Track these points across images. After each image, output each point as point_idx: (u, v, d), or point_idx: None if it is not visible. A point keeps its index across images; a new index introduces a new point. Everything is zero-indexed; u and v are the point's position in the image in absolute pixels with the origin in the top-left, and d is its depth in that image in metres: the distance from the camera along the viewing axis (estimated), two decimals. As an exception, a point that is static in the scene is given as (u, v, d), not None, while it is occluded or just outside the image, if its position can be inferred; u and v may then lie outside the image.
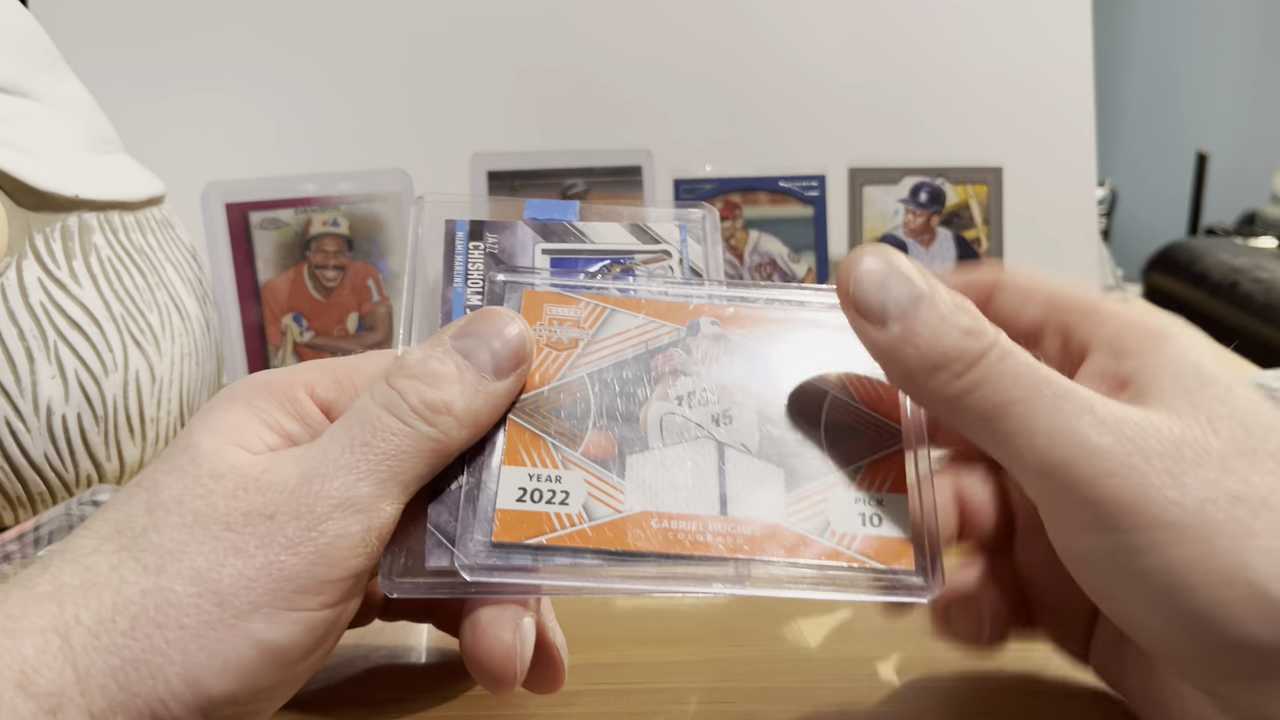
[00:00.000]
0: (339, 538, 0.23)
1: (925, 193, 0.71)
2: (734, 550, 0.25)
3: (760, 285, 0.29)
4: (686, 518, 0.25)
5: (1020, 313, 0.27)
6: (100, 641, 0.21)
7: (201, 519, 0.23)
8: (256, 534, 0.22)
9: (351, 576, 0.23)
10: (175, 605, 0.21)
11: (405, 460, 0.24)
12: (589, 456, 0.26)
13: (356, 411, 0.25)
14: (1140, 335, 0.25)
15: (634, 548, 0.25)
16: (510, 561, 0.24)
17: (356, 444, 0.24)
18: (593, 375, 0.27)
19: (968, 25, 0.80)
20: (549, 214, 0.30)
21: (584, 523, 0.25)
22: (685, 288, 0.29)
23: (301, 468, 0.23)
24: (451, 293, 0.28)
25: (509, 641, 0.25)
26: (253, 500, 0.23)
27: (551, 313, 0.28)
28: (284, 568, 0.22)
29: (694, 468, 0.26)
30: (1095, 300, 0.27)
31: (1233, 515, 0.21)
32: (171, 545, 0.22)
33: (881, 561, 0.25)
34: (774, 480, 0.26)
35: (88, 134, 0.47)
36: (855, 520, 0.25)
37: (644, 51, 0.78)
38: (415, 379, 0.25)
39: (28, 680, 0.20)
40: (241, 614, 0.22)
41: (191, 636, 0.21)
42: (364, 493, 0.23)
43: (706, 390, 0.27)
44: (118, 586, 0.22)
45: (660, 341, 0.28)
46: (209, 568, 0.22)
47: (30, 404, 0.41)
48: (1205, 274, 1.11)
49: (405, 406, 0.24)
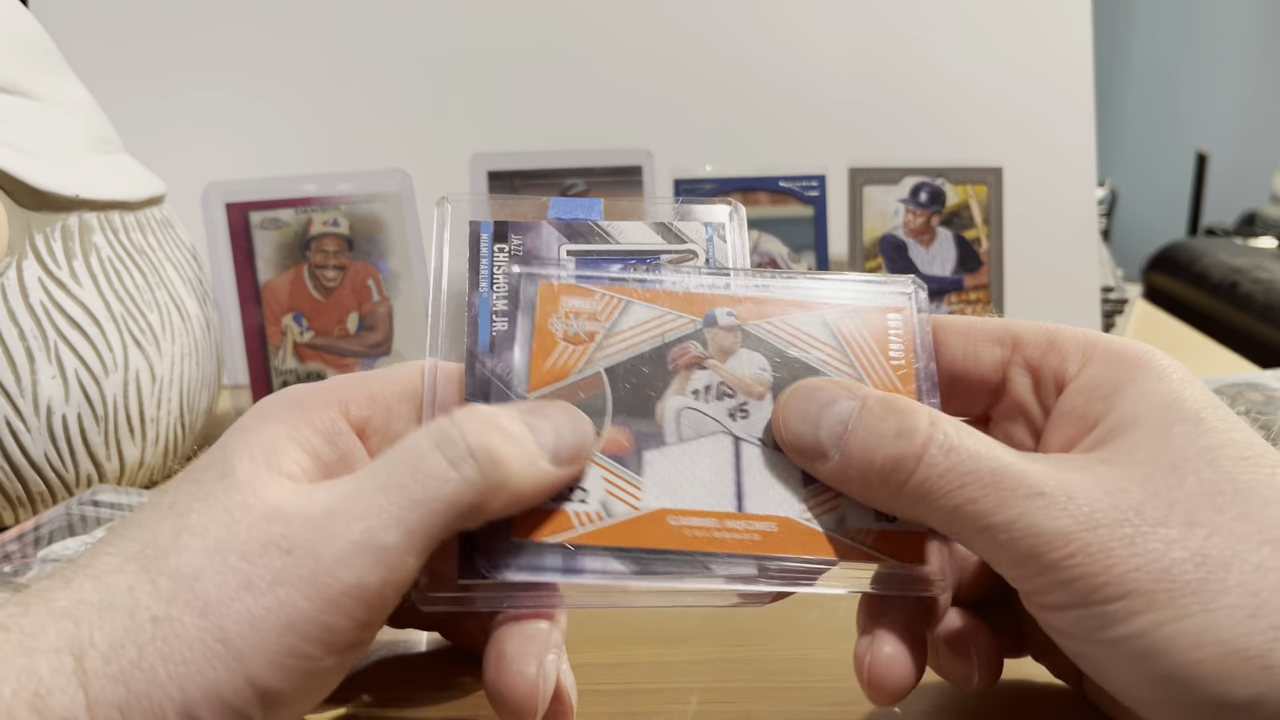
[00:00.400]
0: (354, 587, 0.22)
1: (925, 193, 0.71)
2: (750, 548, 0.25)
3: (777, 273, 0.29)
4: (703, 514, 0.25)
5: (979, 357, 0.27)
6: (110, 668, 0.20)
7: (221, 546, 0.22)
8: (271, 569, 0.21)
9: (361, 628, 0.22)
10: (181, 638, 0.21)
11: (439, 512, 0.22)
12: (607, 453, 0.26)
13: (401, 449, 0.23)
14: (1110, 369, 0.25)
15: (651, 545, 0.25)
16: (530, 560, 0.24)
17: (392, 485, 0.22)
18: (610, 369, 0.27)
19: (968, 25, 0.80)
20: (574, 213, 0.29)
21: (603, 520, 0.25)
22: (703, 278, 0.28)
23: (330, 501, 0.22)
24: (477, 297, 0.28)
25: (532, 677, 0.24)
26: (273, 531, 0.22)
27: (568, 305, 0.28)
28: (293, 610, 0.21)
29: (711, 463, 0.26)
30: (1051, 332, 0.27)
31: (1200, 575, 0.21)
32: (188, 571, 0.22)
33: (897, 557, 0.25)
34: (790, 475, 0.26)
35: (88, 134, 0.47)
36: (870, 515, 0.25)
37: (644, 51, 0.78)
38: (482, 421, 0.23)
39: (42, 702, 0.20)
40: (243, 656, 0.21)
41: (193, 673, 0.21)
42: (389, 541, 0.22)
43: (723, 384, 0.27)
44: (132, 610, 0.21)
45: (677, 333, 0.27)
46: (218, 600, 0.21)
47: (30, 404, 0.41)
48: (1205, 274, 1.11)
49: (462, 446, 0.23)
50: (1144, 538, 0.21)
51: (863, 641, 0.26)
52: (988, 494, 0.22)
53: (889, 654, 0.25)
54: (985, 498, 0.22)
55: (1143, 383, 0.24)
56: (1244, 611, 0.20)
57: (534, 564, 0.24)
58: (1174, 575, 0.21)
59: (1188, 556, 0.21)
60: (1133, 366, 0.25)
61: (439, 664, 0.32)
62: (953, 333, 0.28)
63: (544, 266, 0.28)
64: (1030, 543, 0.22)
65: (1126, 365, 0.25)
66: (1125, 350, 0.25)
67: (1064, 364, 0.26)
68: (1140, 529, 0.21)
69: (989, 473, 0.23)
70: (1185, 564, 0.21)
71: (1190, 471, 0.22)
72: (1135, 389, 0.24)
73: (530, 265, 0.28)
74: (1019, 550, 0.22)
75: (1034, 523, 0.22)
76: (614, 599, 0.26)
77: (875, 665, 0.25)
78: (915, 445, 0.23)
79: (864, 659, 0.25)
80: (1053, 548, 0.22)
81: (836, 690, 0.31)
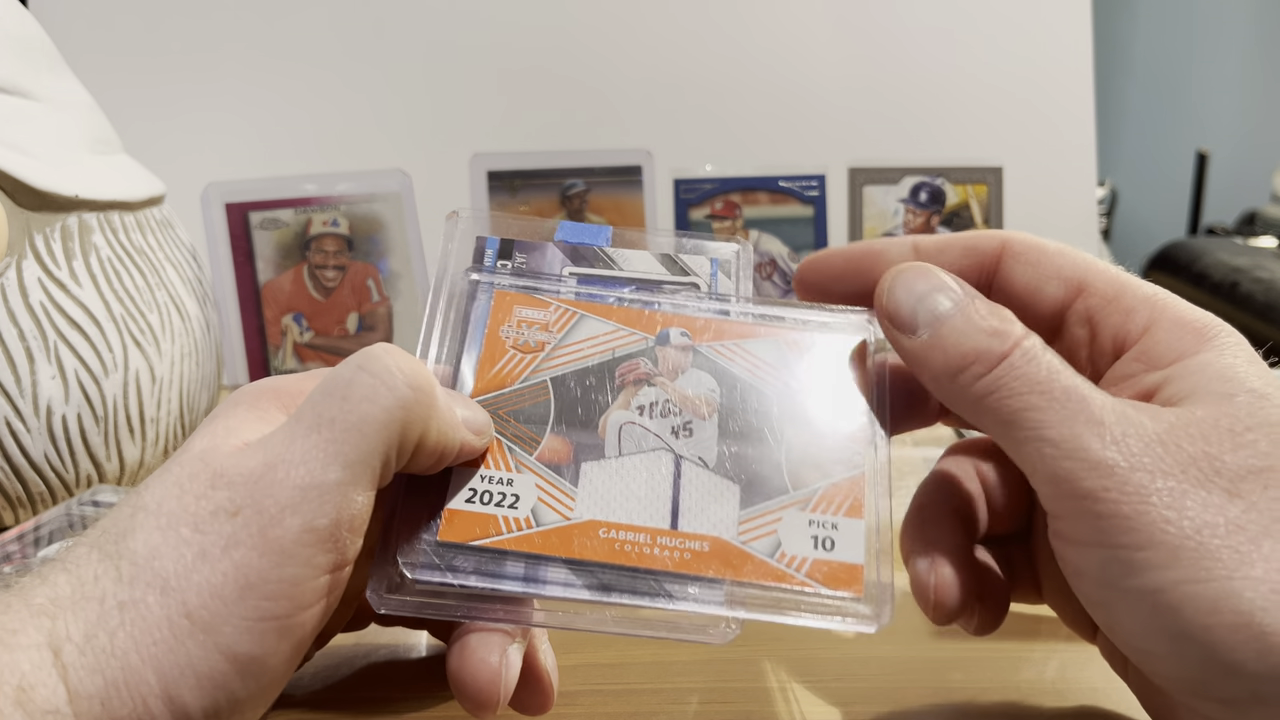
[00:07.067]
0: (305, 533, 0.21)
1: (925, 192, 0.71)
2: (680, 566, 0.24)
3: (737, 299, 0.28)
4: (635, 529, 0.25)
5: (1039, 292, 0.27)
6: (85, 660, 0.20)
7: (173, 520, 0.22)
8: (222, 534, 0.21)
9: (324, 574, 0.22)
10: (147, 619, 0.21)
11: (372, 435, 0.22)
12: (543, 461, 0.26)
13: (325, 384, 0.23)
14: (1174, 337, 0.24)
15: (579, 556, 0.24)
16: (454, 563, 0.24)
17: (323, 421, 0.22)
18: (556, 380, 0.27)
19: (968, 25, 0.80)
20: (581, 238, 0.30)
21: (531, 528, 0.25)
22: (658, 296, 0.28)
23: (266, 454, 0.22)
24: (474, 308, 0.28)
25: (494, 665, 0.24)
26: (219, 497, 0.22)
27: (520, 314, 0.28)
28: (250, 570, 0.21)
29: (649, 479, 0.26)
30: (1122, 282, 0.26)
31: (1230, 543, 0.21)
32: (145, 551, 0.21)
33: (829, 587, 0.24)
34: (728, 497, 0.25)
35: (88, 134, 0.47)
36: (807, 543, 0.25)
37: (644, 51, 0.78)
38: (400, 349, 0.24)
39: (25, 696, 0.20)
40: (210, 626, 0.21)
41: (164, 652, 0.21)
42: (331, 479, 0.22)
43: (669, 401, 0.27)
44: (100, 598, 0.21)
45: (628, 349, 0.27)
46: (176, 576, 0.21)
47: (30, 404, 0.41)
48: (1205, 274, 1.11)
49: (388, 362, 0.23)
50: (1184, 495, 0.21)
51: (922, 564, 0.26)
52: (1053, 406, 0.23)
53: (947, 576, 0.25)
54: (1049, 408, 0.23)
55: (1207, 354, 0.24)
56: (1267, 587, 0.20)
57: (452, 566, 0.24)
58: (1204, 537, 0.21)
59: (1222, 523, 0.21)
60: (1199, 338, 0.24)
61: (438, 664, 0.32)
62: (1019, 261, 0.27)
63: (494, 275, 0.28)
64: (1074, 464, 0.22)
65: (1193, 335, 0.24)
66: (1195, 319, 0.25)
67: (1127, 323, 0.25)
68: (1182, 485, 0.21)
69: (1060, 389, 0.23)
70: (1218, 529, 0.21)
71: (1247, 443, 0.22)
72: (1199, 360, 0.24)
73: (483, 274, 0.28)
74: (1061, 469, 0.22)
75: (1083, 445, 0.22)
76: (569, 621, 0.25)
77: (940, 588, 0.25)
78: (1005, 345, 0.24)
79: (928, 581, 0.26)
80: (1094, 475, 0.22)
81: (837, 690, 0.31)
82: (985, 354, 0.24)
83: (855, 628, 0.24)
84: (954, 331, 0.24)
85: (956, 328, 0.24)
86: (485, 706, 0.24)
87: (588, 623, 0.25)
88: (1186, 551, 0.21)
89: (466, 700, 0.24)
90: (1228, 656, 0.20)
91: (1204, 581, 0.21)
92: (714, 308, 0.28)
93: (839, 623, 0.24)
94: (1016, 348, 0.24)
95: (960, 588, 0.26)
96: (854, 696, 0.30)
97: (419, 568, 0.24)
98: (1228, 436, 0.22)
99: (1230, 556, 0.21)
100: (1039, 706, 0.30)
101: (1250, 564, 0.21)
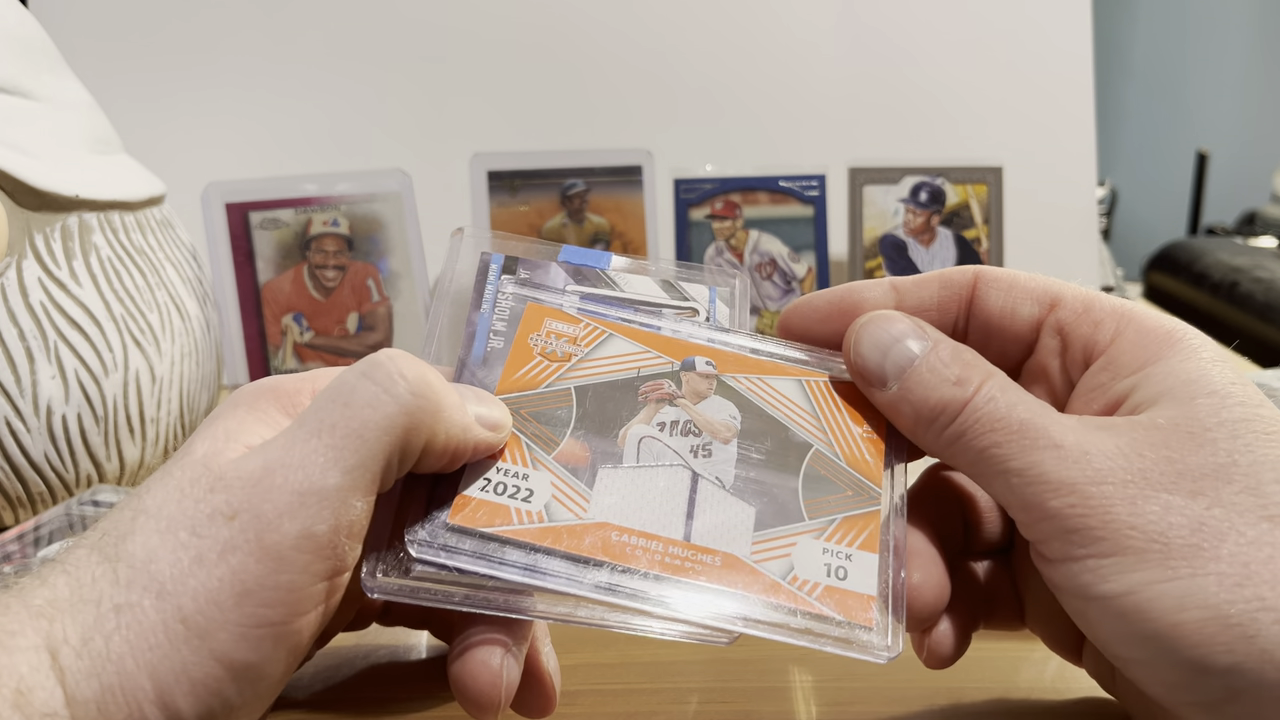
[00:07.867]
0: (302, 539, 0.21)
1: (925, 192, 0.71)
2: (691, 576, 0.24)
3: (764, 338, 0.29)
4: (648, 536, 0.25)
5: (1014, 313, 0.27)
6: (82, 663, 0.20)
7: (172, 524, 0.22)
8: (219, 539, 0.21)
9: (322, 581, 0.22)
10: (143, 623, 0.21)
11: (373, 441, 0.22)
12: (561, 461, 0.26)
13: (329, 389, 0.23)
14: (1139, 345, 0.25)
15: (588, 554, 0.24)
16: (460, 546, 0.24)
17: (324, 427, 0.22)
18: (579, 388, 0.27)
19: (968, 26, 0.80)
20: (584, 261, 0.30)
21: (543, 522, 0.25)
22: (693, 328, 0.29)
23: (266, 459, 0.22)
24: (477, 316, 0.28)
25: (495, 668, 0.24)
26: (216, 500, 0.22)
27: (550, 326, 0.28)
28: (246, 576, 0.21)
29: (665, 490, 0.26)
30: (1089, 298, 0.26)
31: (1193, 540, 0.21)
32: (143, 554, 0.21)
33: (840, 613, 0.24)
34: (743, 517, 0.26)
35: (88, 134, 0.47)
36: (820, 570, 0.25)
37: (644, 51, 0.78)
38: (407, 354, 0.24)
39: (23, 699, 0.19)
40: (205, 632, 0.20)
41: (160, 658, 0.20)
42: (330, 484, 0.22)
43: (691, 422, 0.27)
44: (97, 601, 0.21)
45: (653, 370, 0.28)
46: (173, 580, 0.21)
47: (30, 404, 0.41)
48: (1205, 274, 1.11)
49: (392, 368, 0.23)
50: (1145, 500, 0.22)
51: None
52: (1012, 440, 0.24)
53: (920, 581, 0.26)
54: (1009, 443, 0.24)
55: (1171, 360, 0.24)
56: (1231, 580, 0.21)
57: (457, 549, 0.24)
58: (1168, 538, 0.21)
59: (1185, 523, 0.22)
60: (1163, 344, 0.25)
61: (439, 665, 0.32)
62: (994, 287, 0.28)
63: (537, 290, 0.29)
64: (1038, 489, 0.23)
65: (1157, 342, 0.25)
66: (1158, 326, 0.25)
67: (1095, 332, 0.26)
68: (1144, 491, 0.22)
69: (1017, 422, 0.24)
70: (1181, 529, 0.21)
71: (1208, 441, 0.22)
72: (1164, 366, 0.24)
73: (524, 289, 0.29)
74: (1028, 495, 0.23)
75: (1044, 471, 0.23)
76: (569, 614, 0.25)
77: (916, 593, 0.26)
78: (968, 392, 0.25)
79: None
80: (1057, 495, 0.23)
81: (837, 690, 0.31)
82: (950, 403, 0.25)
83: (866, 657, 0.24)
84: (920, 385, 0.25)
85: (923, 380, 0.25)
86: (486, 709, 0.24)
87: (589, 615, 0.25)
88: (1152, 554, 0.21)
89: (467, 703, 0.24)
90: (1195, 653, 0.21)
91: (1170, 580, 0.21)
92: (744, 345, 0.29)
93: (850, 650, 0.24)
94: (978, 393, 0.25)
95: (935, 597, 0.26)
96: (854, 696, 0.30)
97: (423, 545, 0.24)
98: (1188, 439, 0.22)
99: (1194, 554, 0.21)
100: (1038, 706, 0.30)
101: (1215, 559, 0.21)
